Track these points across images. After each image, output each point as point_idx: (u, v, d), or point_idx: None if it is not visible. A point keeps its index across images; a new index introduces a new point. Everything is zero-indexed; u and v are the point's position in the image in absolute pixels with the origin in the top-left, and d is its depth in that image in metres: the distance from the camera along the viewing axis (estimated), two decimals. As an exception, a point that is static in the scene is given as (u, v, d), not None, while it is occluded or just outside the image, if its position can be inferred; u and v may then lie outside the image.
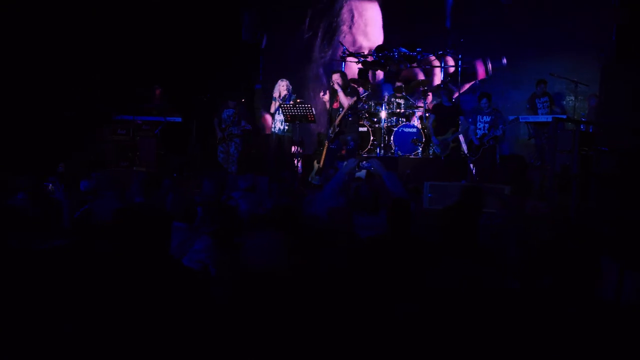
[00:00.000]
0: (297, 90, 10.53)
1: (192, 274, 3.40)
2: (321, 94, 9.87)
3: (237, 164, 10.42)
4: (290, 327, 2.63)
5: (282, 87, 9.86)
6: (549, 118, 10.66)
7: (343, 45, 12.24)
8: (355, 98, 9.27)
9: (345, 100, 8.95)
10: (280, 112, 9.48)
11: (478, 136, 9.52)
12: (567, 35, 11.87)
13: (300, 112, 8.96)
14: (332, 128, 9.00)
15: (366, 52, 12.26)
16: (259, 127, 13.30)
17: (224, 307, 3.21)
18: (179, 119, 11.45)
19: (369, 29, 13.28)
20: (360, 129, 10.56)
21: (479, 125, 9.51)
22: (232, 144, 10.37)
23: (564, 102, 11.39)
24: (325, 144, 10.15)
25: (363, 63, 11.88)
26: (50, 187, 5.20)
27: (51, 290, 3.45)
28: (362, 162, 9.12)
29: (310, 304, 2.77)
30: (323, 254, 3.87)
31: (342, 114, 8.93)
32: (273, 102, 9.99)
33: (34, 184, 5.32)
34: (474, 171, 10.14)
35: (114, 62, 11.22)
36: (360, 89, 11.10)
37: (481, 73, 12.45)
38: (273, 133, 9.82)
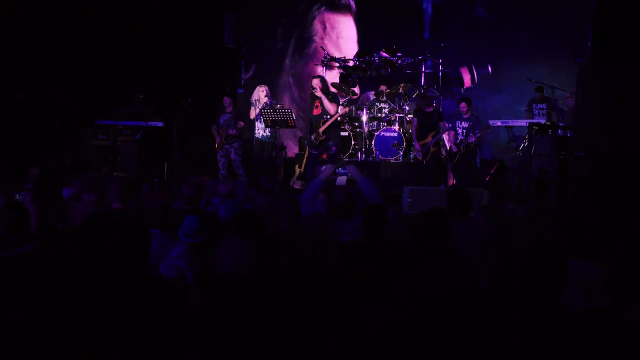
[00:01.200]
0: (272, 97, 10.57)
1: (167, 285, 3.43)
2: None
3: (243, 167, 10.30)
4: (260, 332, 2.68)
5: (261, 92, 9.90)
6: (526, 123, 10.77)
7: (324, 50, 12.28)
8: (346, 109, 9.31)
9: (330, 107, 8.98)
10: (261, 118, 9.54)
11: (457, 142, 9.59)
12: (544, 40, 11.96)
13: (280, 117, 9.00)
14: (314, 135, 9.01)
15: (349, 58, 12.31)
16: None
17: (199, 313, 3.24)
18: (160, 124, 11.46)
19: (341, 41, 13.30)
20: (342, 133, 10.62)
21: (458, 130, 9.58)
22: (231, 150, 10.27)
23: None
24: (306, 149, 10.20)
25: (344, 68, 11.93)
26: (17, 197, 5.18)
27: (14, 299, 3.45)
28: (339, 168, 9.15)
29: (279, 308, 2.81)
30: (293, 258, 3.92)
31: (328, 122, 8.96)
32: (252, 107, 10.02)
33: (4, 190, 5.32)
34: (451, 176, 10.23)
35: (95, 66, 11.21)
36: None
37: (467, 81, 12.53)
38: (255, 139, 9.85)
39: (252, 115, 9.91)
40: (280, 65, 13.62)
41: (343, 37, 13.35)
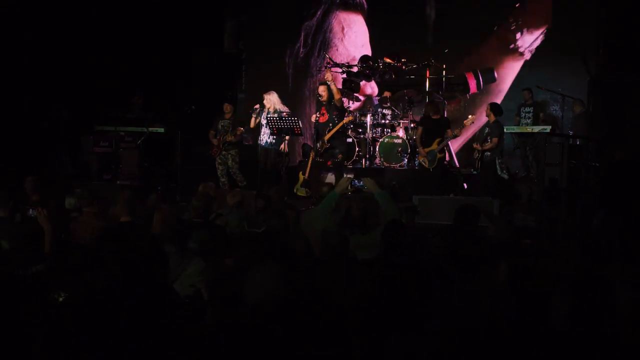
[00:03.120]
0: (293, 104, 10.35)
1: (184, 305, 3.32)
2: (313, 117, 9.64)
3: (241, 174, 10.10)
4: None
5: (275, 102, 9.64)
6: (534, 129, 10.68)
7: (327, 55, 12.16)
8: (350, 117, 9.19)
9: (336, 92, 8.88)
10: (267, 125, 9.40)
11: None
12: (549, 45, 11.89)
13: (286, 125, 8.86)
14: (320, 143, 8.87)
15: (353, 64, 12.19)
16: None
17: (215, 332, 3.12)
18: (161, 130, 11.30)
19: (359, 40, 13.21)
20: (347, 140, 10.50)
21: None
22: (229, 156, 10.07)
23: (554, 111, 11.34)
24: (310, 155, 10.06)
25: (347, 73, 11.81)
26: (30, 212, 5.03)
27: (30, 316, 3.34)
28: (354, 180, 8.99)
29: (303, 337, 2.70)
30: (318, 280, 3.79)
31: (333, 130, 8.83)
32: (253, 116, 9.82)
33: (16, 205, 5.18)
34: (465, 184, 10.11)
35: (93, 70, 11.05)
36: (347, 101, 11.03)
37: (472, 87, 12.42)
38: (260, 146, 9.70)
39: (252, 124, 9.73)
40: (305, 72, 13.48)
41: (360, 36, 13.22)
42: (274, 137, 9.53)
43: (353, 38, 13.23)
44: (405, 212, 6.25)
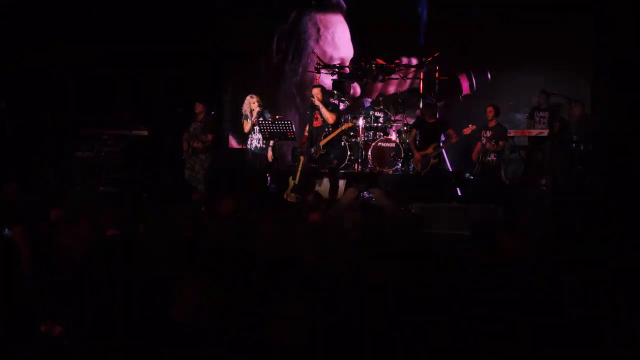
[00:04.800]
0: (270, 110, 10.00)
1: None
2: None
3: (205, 182, 9.58)
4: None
5: (253, 104, 9.30)
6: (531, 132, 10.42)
7: (317, 56, 11.82)
8: (350, 123, 8.87)
9: (329, 117, 8.50)
10: (257, 130, 9.02)
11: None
12: (545, 47, 11.65)
13: (279, 129, 8.48)
14: (314, 148, 8.48)
15: (338, 64, 11.85)
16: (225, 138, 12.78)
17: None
18: (145, 133, 10.93)
19: (336, 40, 12.87)
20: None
21: (483, 139, 9.08)
22: (197, 161, 9.57)
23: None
24: (300, 160, 9.71)
25: (339, 75, 11.49)
26: (6, 232, 4.56)
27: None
28: (362, 192, 8.62)
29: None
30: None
31: (330, 136, 8.46)
32: (245, 120, 9.44)
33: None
34: (458, 189, 9.83)
35: (74, 71, 10.60)
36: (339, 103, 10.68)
37: (465, 88, 12.15)
38: (249, 151, 9.30)
39: (247, 128, 9.31)
40: (279, 77, 13.10)
41: (338, 36, 12.89)
42: (264, 141, 9.17)
43: (330, 39, 12.89)
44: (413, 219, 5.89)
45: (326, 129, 8.50)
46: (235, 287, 3.34)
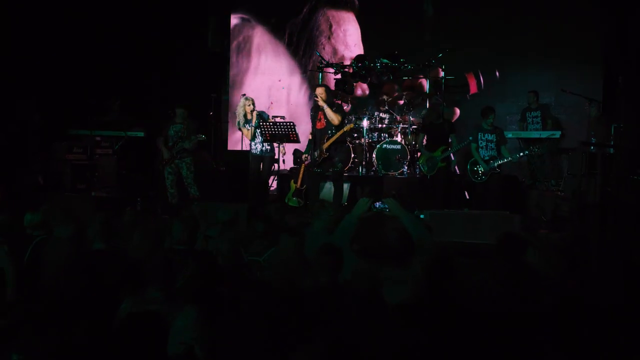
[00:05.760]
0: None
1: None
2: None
3: (196, 185, 9.05)
4: None
5: (247, 107, 8.82)
6: (539, 134, 10.04)
7: (320, 55, 11.38)
8: (351, 125, 8.44)
9: (334, 118, 8.03)
10: (259, 133, 8.57)
11: (486, 157, 8.58)
12: (552, 46, 11.29)
13: (281, 130, 8.02)
14: (318, 151, 8.02)
15: (348, 63, 11.43)
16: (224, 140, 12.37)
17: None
18: (141, 134, 10.52)
19: (348, 39, 12.48)
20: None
21: (481, 144, 8.61)
22: (183, 165, 8.96)
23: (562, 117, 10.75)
24: (302, 163, 9.29)
25: (342, 74, 11.04)
26: None
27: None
28: (375, 202, 8.15)
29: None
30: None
31: (333, 138, 7.98)
32: (244, 129, 8.98)
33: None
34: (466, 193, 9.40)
35: (68, 69, 10.15)
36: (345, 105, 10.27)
37: (473, 87, 11.74)
38: (251, 154, 8.83)
39: (249, 135, 8.79)
40: (291, 72, 12.78)
41: (349, 34, 12.56)
42: (268, 144, 8.72)
43: (342, 37, 12.52)
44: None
45: (329, 131, 8.01)
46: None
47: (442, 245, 4.65)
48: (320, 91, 8.08)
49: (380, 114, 10.48)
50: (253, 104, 8.82)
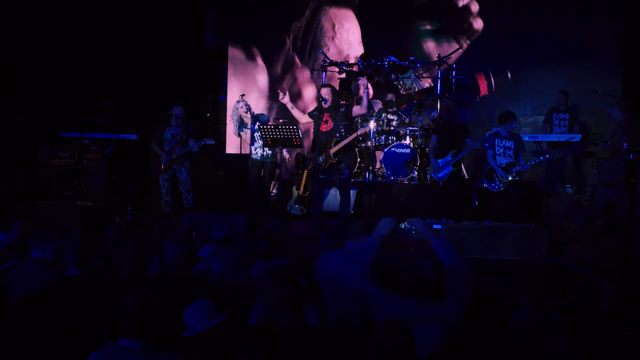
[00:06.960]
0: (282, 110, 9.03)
1: None
2: (280, 96, 8.01)
3: (193, 192, 8.53)
4: None
5: (241, 109, 8.28)
6: (558, 137, 9.45)
7: (324, 54, 10.77)
8: (367, 129, 7.83)
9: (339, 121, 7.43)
10: (258, 137, 7.97)
11: (503, 165, 7.92)
12: (566, 45, 10.81)
13: (283, 134, 7.38)
14: (323, 156, 7.37)
15: (352, 62, 10.84)
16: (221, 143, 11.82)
17: None
18: (134, 137, 10.01)
19: (351, 37, 11.93)
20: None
21: (498, 150, 7.96)
22: (182, 170, 8.44)
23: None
24: (304, 168, 8.69)
25: (347, 73, 10.42)
26: None
27: None
28: (400, 223, 7.51)
29: None
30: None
31: (342, 143, 7.34)
32: (242, 132, 8.41)
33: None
34: (475, 202, 8.81)
35: (56, 67, 9.60)
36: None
37: (483, 88, 11.20)
38: (251, 159, 8.21)
39: (248, 138, 8.23)
40: (294, 74, 12.35)
41: (351, 33, 12.08)
42: (269, 148, 8.12)
43: (345, 36, 11.99)
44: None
45: (337, 134, 7.37)
46: None
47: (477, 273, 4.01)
48: (325, 92, 7.45)
49: (388, 116, 9.85)
50: (247, 106, 8.28)
